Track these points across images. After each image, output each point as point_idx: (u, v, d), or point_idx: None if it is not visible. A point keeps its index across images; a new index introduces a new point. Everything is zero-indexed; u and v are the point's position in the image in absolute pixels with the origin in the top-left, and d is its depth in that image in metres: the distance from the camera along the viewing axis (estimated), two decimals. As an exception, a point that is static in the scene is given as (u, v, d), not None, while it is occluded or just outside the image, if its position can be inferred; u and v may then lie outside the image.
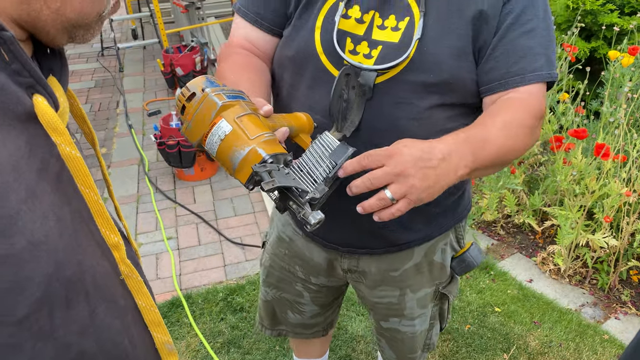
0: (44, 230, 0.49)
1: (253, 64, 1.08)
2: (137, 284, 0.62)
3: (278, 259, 1.35)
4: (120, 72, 5.15)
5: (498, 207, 2.83)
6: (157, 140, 3.18)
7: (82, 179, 0.54)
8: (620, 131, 2.29)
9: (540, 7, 0.99)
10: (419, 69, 0.98)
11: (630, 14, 3.20)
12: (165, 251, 2.78)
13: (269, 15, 1.09)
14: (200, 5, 4.87)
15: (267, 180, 0.73)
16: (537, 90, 0.99)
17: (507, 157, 0.96)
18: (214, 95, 0.78)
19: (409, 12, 0.99)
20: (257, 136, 0.77)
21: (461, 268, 1.26)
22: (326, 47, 1.02)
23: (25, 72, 0.49)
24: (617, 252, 2.38)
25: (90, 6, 0.54)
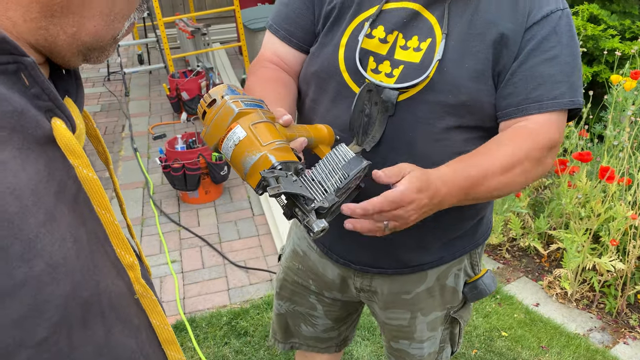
0: (62, 253, 0.49)
1: (281, 78, 1.12)
2: (151, 303, 0.62)
3: (292, 273, 1.35)
4: (126, 96, 5.20)
5: (503, 230, 2.82)
6: (163, 163, 3.19)
7: (98, 200, 0.54)
8: (625, 154, 2.30)
9: (564, 34, 0.99)
10: (438, 89, 1.00)
11: (631, 39, 3.23)
12: (169, 274, 2.77)
13: (299, 32, 1.14)
14: (206, 31, 4.94)
15: (273, 185, 0.76)
16: (554, 119, 1.00)
17: (504, 192, 0.99)
18: (232, 102, 0.82)
19: (432, 33, 1.01)
20: (269, 143, 0.80)
21: (473, 295, 1.25)
22: (349, 65, 1.05)
23: (44, 96, 0.50)
24: (624, 275, 2.36)
25: (105, 30, 0.55)
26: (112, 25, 0.55)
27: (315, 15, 1.12)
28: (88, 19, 0.53)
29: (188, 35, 4.90)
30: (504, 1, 1.00)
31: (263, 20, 4.88)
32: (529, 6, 0.99)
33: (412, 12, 1.03)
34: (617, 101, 2.55)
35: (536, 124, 0.99)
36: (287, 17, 1.14)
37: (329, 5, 1.09)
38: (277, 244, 2.97)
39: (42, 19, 0.50)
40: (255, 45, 4.95)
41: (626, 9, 3.44)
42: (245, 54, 5.03)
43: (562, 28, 0.99)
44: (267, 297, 2.57)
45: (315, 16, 1.12)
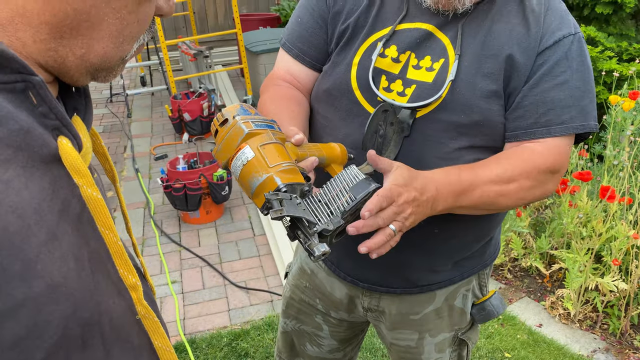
0: (62, 272, 0.49)
1: (294, 96, 1.14)
2: (153, 324, 0.61)
3: (299, 291, 1.34)
4: (128, 117, 5.24)
5: (505, 250, 2.81)
6: (164, 183, 3.20)
7: (102, 220, 0.54)
8: (625, 173, 2.30)
9: (575, 59, 1.00)
10: (450, 109, 1.01)
11: (629, 60, 3.27)
12: (169, 295, 2.75)
13: (312, 51, 1.15)
14: (209, 54, 5.00)
15: (276, 208, 0.76)
16: (560, 144, 1.01)
17: (498, 204, 1.01)
18: (242, 122, 0.83)
19: (445, 54, 1.03)
20: (276, 165, 0.81)
21: (481, 316, 1.24)
22: (361, 84, 1.07)
23: (51, 114, 0.50)
24: (627, 296, 2.34)
25: (113, 52, 0.55)
26: (121, 47, 0.55)
27: (329, 35, 1.13)
28: (97, 41, 0.53)
29: (190, 57, 4.95)
30: (517, 25, 1.01)
31: (264, 43, 4.94)
32: (542, 31, 1.00)
33: (425, 33, 1.04)
34: (616, 121, 2.57)
35: (541, 147, 1.00)
36: (300, 36, 1.16)
37: (342, 25, 1.10)
38: (278, 265, 2.96)
39: (51, 40, 0.51)
40: (256, 68, 5.00)
41: (623, 31, 3.48)
42: (247, 76, 5.08)
43: (573, 53, 1.00)
44: (268, 318, 2.56)
45: (328, 35, 1.13)
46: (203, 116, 4.48)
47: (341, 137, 1.08)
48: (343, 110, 1.09)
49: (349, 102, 1.08)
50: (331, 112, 1.11)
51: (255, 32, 5.41)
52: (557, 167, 1.02)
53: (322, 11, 1.13)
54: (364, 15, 1.09)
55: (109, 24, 0.53)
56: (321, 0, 1.13)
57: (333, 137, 1.09)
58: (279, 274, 2.90)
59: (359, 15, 1.09)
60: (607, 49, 3.22)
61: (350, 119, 1.08)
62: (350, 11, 1.10)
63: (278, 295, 2.72)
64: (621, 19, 3.49)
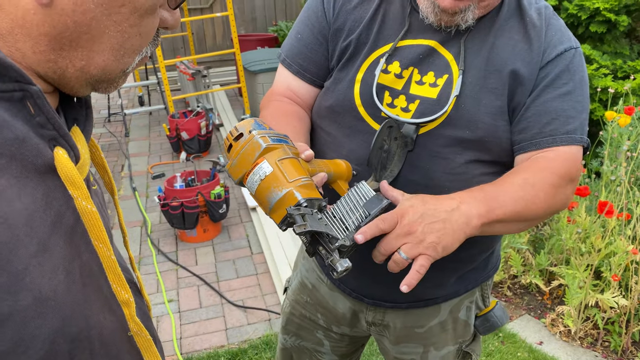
0: (52, 285, 0.47)
1: (295, 111, 1.13)
2: (146, 342, 0.60)
3: (299, 306, 1.33)
4: (126, 136, 5.25)
5: (504, 267, 2.80)
6: (161, 201, 3.19)
7: (96, 233, 0.53)
8: (622, 189, 2.30)
9: (576, 72, 1.01)
10: (455, 125, 1.01)
11: (624, 78, 3.30)
12: (166, 314, 2.72)
13: (312, 67, 1.15)
14: (207, 73, 5.03)
15: (300, 223, 0.76)
16: (569, 151, 1.00)
17: (526, 213, 0.96)
18: (259, 137, 0.82)
19: (448, 70, 1.03)
20: (295, 180, 0.80)
21: (485, 327, 1.23)
22: (365, 100, 1.07)
23: (49, 125, 0.49)
24: (627, 312, 2.33)
25: (114, 64, 0.54)
26: (122, 59, 0.55)
27: (329, 51, 1.13)
28: (97, 53, 0.52)
29: (189, 77, 4.98)
30: (520, 41, 1.02)
31: (262, 63, 4.98)
32: (544, 45, 1.01)
33: (428, 49, 1.05)
34: (613, 137, 2.58)
35: (552, 154, 1.00)
36: (300, 52, 1.15)
37: (344, 42, 1.10)
38: (276, 283, 2.93)
39: (50, 52, 0.50)
40: (255, 87, 5.03)
41: (617, 49, 3.52)
42: (245, 95, 5.10)
43: (575, 66, 1.01)
44: (266, 337, 2.52)
45: (329, 52, 1.14)
46: (201, 135, 4.49)
47: (345, 154, 1.08)
48: (346, 127, 1.09)
49: (353, 119, 1.08)
50: (334, 129, 1.11)
51: (254, 52, 5.46)
52: (573, 175, 1.01)
53: (322, 28, 1.13)
54: (365, 31, 1.09)
55: (109, 36, 0.52)
56: (322, 17, 1.13)
57: (337, 154, 1.09)
58: (276, 292, 2.87)
59: (361, 31, 1.09)
60: (602, 67, 3.26)
61: (354, 135, 1.08)
62: (351, 28, 1.10)
63: (276, 313, 2.70)
64: (615, 37, 3.53)
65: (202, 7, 7.16)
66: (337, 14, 1.12)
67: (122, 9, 0.51)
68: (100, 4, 0.49)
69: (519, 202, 0.94)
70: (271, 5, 7.48)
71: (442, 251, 0.87)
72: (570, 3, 3.44)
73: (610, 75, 3.24)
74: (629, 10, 3.43)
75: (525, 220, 0.98)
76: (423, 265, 0.85)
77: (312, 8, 1.15)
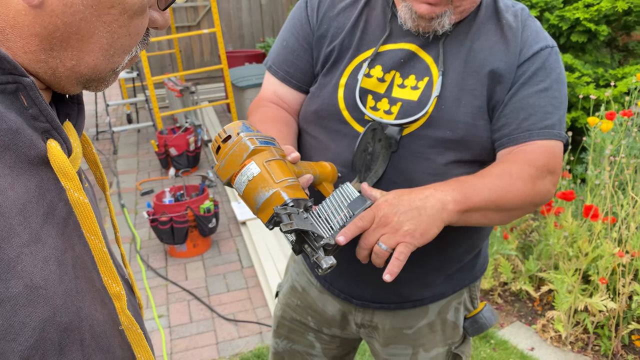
0: (43, 275, 0.48)
1: (282, 116, 1.16)
2: (136, 336, 0.60)
3: (290, 309, 1.33)
4: (114, 154, 5.23)
5: (494, 274, 2.81)
6: (150, 217, 3.18)
7: (88, 225, 0.54)
8: (607, 193, 2.34)
9: (553, 70, 1.04)
10: (436, 125, 1.03)
11: (605, 86, 3.36)
12: (156, 329, 2.69)
13: (298, 74, 1.18)
14: (195, 89, 5.05)
15: (286, 222, 0.78)
16: (547, 144, 1.01)
17: (504, 201, 0.97)
18: (247, 139, 0.85)
19: (429, 72, 1.05)
20: (282, 180, 0.82)
21: (474, 329, 1.24)
22: (349, 103, 1.09)
23: (42, 117, 0.50)
24: (616, 315, 2.34)
25: (104, 64, 0.55)
26: (112, 59, 0.55)
27: (314, 57, 1.16)
28: (87, 53, 0.53)
29: (177, 93, 5.00)
30: (497, 42, 1.05)
31: (250, 79, 5.01)
32: (520, 45, 1.04)
33: (408, 53, 1.07)
34: (596, 143, 2.62)
35: (530, 147, 1.01)
36: (286, 60, 1.18)
37: (328, 48, 1.13)
38: (267, 296, 2.92)
39: (41, 52, 0.51)
40: (243, 102, 5.06)
41: (598, 58, 3.59)
42: (233, 110, 5.13)
43: (551, 64, 1.04)
44: (257, 349, 2.51)
45: (313, 58, 1.16)
46: (189, 151, 4.49)
47: (331, 157, 1.10)
48: (332, 131, 1.11)
49: (338, 123, 1.10)
50: (320, 133, 1.13)
51: (241, 68, 5.49)
52: (552, 167, 1.02)
53: (307, 35, 1.16)
54: (348, 37, 1.12)
55: (99, 37, 0.52)
56: (305, 24, 1.16)
57: (323, 157, 1.11)
58: (267, 305, 2.86)
59: (344, 37, 1.12)
60: (584, 75, 3.32)
61: (339, 138, 1.10)
62: (335, 34, 1.13)
63: (267, 326, 2.68)
64: (596, 47, 3.60)
65: (189, 24, 7.21)
66: (320, 21, 1.14)
67: (111, 10, 0.52)
68: (90, 5, 0.50)
69: (495, 190, 0.95)
70: (258, 22, 7.55)
71: (421, 237, 0.88)
72: (551, 14, 3.51)
73: (593, 84, 3.30)
74: (609, 20, 3.51)
75: (504, 209, 0.99)
76: (402, 252, 0.87)
77: (297, 16, 1.18)
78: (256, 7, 7.50)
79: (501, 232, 2.73)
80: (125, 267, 0.74)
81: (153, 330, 2.68)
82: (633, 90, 2.88)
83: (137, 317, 0.69)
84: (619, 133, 2.62)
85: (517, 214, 1.03)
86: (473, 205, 0.93)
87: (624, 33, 3.75)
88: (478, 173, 1.00)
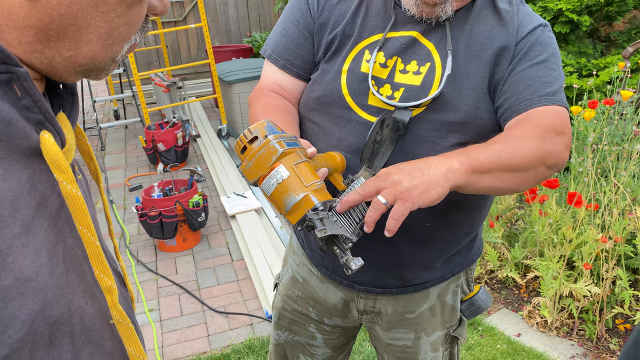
0: (34, 267, 0.47)
1: (284, 105, 1.17)
2: (127, 330, 0.60)
3: (291, 301, 1.35)
4: (102, 150, 5.21)
5: (481, 262, 2.85)
6: (139, 212, 3.18)
7: (80, 218, 0.53)
8: (590, 180, 2.38)
9: (548, 45, 1.07)
10: (439, 109, 1.05)
11: (588, 75, 3.41)
12: (147, 323, 2.70)
13: (298, 61, 1.19)
14: (182, 85, 5.04)
15: (320, 228, 0.80)
16: (549, 109, 1.01)
17: (514, 161, 0.93)
18: (275, 142, 0.85)
19: (430, 58, 1.08)
20: (311, 184, 0.84)
21: (471, 311, 1.28)
22: (352, 89, 1.11)
23: (35, 108, 0.49)
24: (600, 300, 2.39)
25: (102, 53, 0.54)
26: (111, 48, 0.54)
27: (315, 45, 1.17)
28: (85, 43, 0.52)
29: (164, 89, 4.98)
30: (495, 26, 1.08)
31: (238, 73, 5.00)
32: (516, 25, 1.07)
33: (410, 39, 1.09)
34: (579, 131, 2.66)
35: (534, 113, 1.01)
36: (286, 47, 1.19)
37: (329, 35, 1.15)
38: (258, 288, 2.94)
39: (37, 42, 0.50)
40: (231, 97, 5.05)
41: (581, 49, 3.63)
42: (221, 105, 5.12)
43: (546, 40, 1.07)
44: (248, 341, 2.53)
45: (314, 46, 1.18)
46: (177, 146, 4.48)
47: (335, 142, 1.11)
48: (335, 116, 1.12)
49: (341, 108, 1.12)
50: (323, 119, 1.14)
51: (229, 63, 5.48)
52: (558, 128, 0.99)
53: (307, 23, 1.17)
54: (350, 24, 1.14)
55: (96, 27, 0.51)
56: (306, 13, 1.17)
57: (326, 143, 1.13)
58: (258, 297, 2.88)
59: (346, 24, 1.13)
60: (568, 65, 3.36)
61: (343, 124, 1.12)
62: (336, 22, 1.15)
63: (258, 317, 2.70)
64: (579, 37, 3.65)
65: (175, 19, 7.18)
66: (321, 9, 1.16)
67: (108, 0, 0.51)
68: None
69: (503, 151, 0.93)
70: (245, 17, 7.53)
71: (420, 196, 0.85)
72: (534, 5, 3.55)
73: (576, 74, 3.35)
74: (591, 11, 3.55)
75: (516, 169, 0.94)
76: (397, 211, 0.84)
77: (297, 5, 1.20)
78: (242, 1, 7.48)
79: (487, 221, 2.77)
80: (118, 260, 0.74)
81: (144, 324, 2.69)
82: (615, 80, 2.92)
83: (128, 310, 0.68)
84: (601, 121, 2.66)
85: (530, 177, 0.98)
86: (480, 165, 0.90)
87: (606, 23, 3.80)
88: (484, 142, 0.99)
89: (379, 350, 1.39)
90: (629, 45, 3.47)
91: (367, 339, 2.51)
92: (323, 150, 1.10)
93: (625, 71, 2.94)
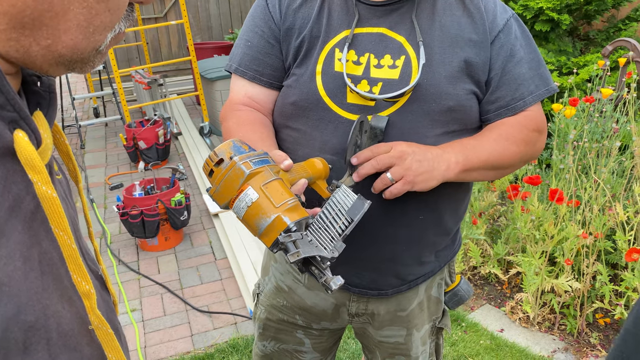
0: (7, 271, 0.46)
1: (257, 118, 1.14)
2: (107, 336, 0.57)
3: (276, 311, 1.31)
4: (81, 148, 5.13)
5: (464, 259, 2.87)
6: (120, 210, 3.13)
7: (56, 220, 0.51)
8: (571, 177, 2.41)
9: (520, 36, 1.11)
10: (422, 99, 1.06)
11: (568, 73, 3.45)
12: (129, 323, 2.67)
13: (268, 70, 1.16)
14: (163, 82, 4.98)
15: (293, 251, 0.77)
16: (536, 108, 1.13)
17: (500, 162, 1.09)
18: (241, 163, 0.81)
19: (403, 51, 1.08)
20: (282, 204, 0.80)
21: (454, 302, 1.30)
22: (329, 89, 1.09)
23: (9, 106, 0.47)
24: (581, 295, 2.43)
25: (84, 43, 0.51)
26: (92, 37, 0.51)
27: (283, 52, 1.15)
28: (64, 32, 0.49)
29: (144, 86, 4.92)
30: (461, 17, 1.09)
31: (220, 70, 4.96)
32: (487, 17, 1.09)
33: (378, 35, 1.09)
34: (560, 128, 2.69)
35: (523, 115, 1.12)
36: (253, 58, 1.16)
37: (297, 40, 1.12)
38: (242, 287, 2.92)
39: (11, 30, 0.47)
40: (212, 94, 5.01)
41: (561, 47, 3.68)
42: (202, 102, 5.07)
43: (517, 32, 1.11)
44: (232, 340, 2.51)
45: (283, 53, 1.15)
46: (159, 143, 4.43)
47: (318, 146, 1.09)
48: (315, 119, 1.10)
49: (320, 110, 1.09)
50: (302, 124, 1.12)
51: (210, 60, 5.43)
52: (541, 127, 1.15)
53: (272, 31, 1.15)
54: (316, 25, 1.12)
55: (75, 13, 0.49)
56: (270, 21, 1.15)
57: (310, 148, 1.10)
58: (242, 295, 2.86)
59: (312, 26, 1.12)
60: (548, 63, 3.40)
61: (324, 126, 1.09)
62: (302, 25, 1.13)
63: (242, 316, 2.68)
64: (559, 35, 3.70)
65: (156, 16, 7.09)
66: (284, 16, 1.14)
67: None
68: None
69: (492, 153, 1.07)
70: (227, 14, 7.47)
71: (420, 183, 0.99)
72: (515, 3, 3.58)
73: (556, 72, 3.39)
74: (570, 10, 3.60)
75: (500, 168, 1.11)
76: (397, 188, 0.99)
77: (258, 15, 1.17)
78: (224, -2, 7.42)
79: (470, 218, 2.79)
80: (99, 263, 0.72)
81: (126, 325, 2.66)
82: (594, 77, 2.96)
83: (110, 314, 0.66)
84: (581, 119, 2.70)
85: (510, 171, 1.16)
86: (472, 165, 1.04)
87: (585, 22, 3.85)
88: (477, 136, 1.10)
89: (367, 346, 1.38)
90: (607, 43, 3.53)
91: (352, 336, 2.51)
92: (306, 156, 1.07)
93: (604, 69, 2.98)
